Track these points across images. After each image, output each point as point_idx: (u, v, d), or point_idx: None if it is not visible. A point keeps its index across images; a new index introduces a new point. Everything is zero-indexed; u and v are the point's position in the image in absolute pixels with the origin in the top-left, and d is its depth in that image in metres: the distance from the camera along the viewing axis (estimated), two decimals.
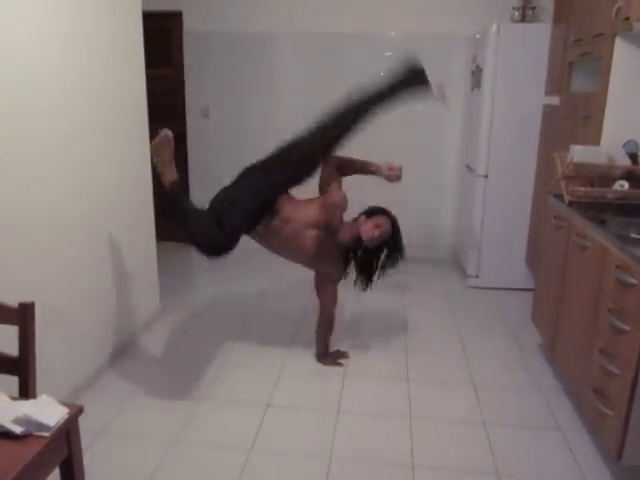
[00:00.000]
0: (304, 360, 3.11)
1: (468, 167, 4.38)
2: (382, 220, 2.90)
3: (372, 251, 2.96)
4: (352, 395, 2.77)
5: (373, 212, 2.95)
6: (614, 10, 2.64)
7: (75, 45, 2.54)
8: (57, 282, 2.49)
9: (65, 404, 1.42)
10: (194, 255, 4.95)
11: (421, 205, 4.80)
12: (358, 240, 2.91)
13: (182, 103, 4.83)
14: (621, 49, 2.76)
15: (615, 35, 2.74)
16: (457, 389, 2.86)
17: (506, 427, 2.54)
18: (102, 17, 2.75)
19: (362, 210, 2.99)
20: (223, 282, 4.30)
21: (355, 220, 2.96)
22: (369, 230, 2.86)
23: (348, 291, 4.02)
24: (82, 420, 1.48)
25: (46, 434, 1.31)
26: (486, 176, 4.05)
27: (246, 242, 5.25)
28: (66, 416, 1.36)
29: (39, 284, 2.33)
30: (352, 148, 4.74)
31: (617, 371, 2.07)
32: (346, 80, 4.65)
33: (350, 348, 3.24)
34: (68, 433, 1.39)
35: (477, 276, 4.24)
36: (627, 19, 2.53)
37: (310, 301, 3.86)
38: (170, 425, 2.49)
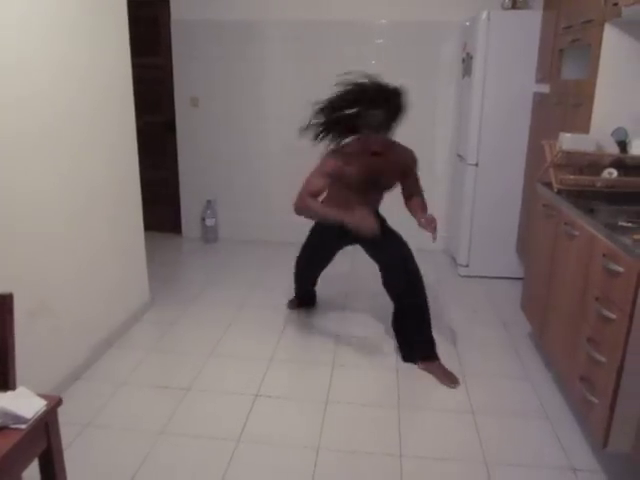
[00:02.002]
0: (293, 350, 3.11)
1: (459, 156, 4.37)
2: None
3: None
4: (341, 385, 2.77)
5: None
6: None
7: (55, 30, 2.47)
8: (43, 274, 2.46)
9: (44, 396, 1.40)
10: (183, 244, 4.98)
11: None
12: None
13: (171, 92, 4.78)
14: (610, 36, 2.74)
15: (604, 21, 2.72)
16: None
17: (494, 416, 2.54)
18: (83, 1, 2.69)
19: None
20: (213, 272, 4.28)
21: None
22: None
23: (336, 281, 4.01)
24: (69, 411, 1.47)
25: (23, 426, 1.29)
26: (477, 164, 4.03)
27: (237, 234, 5.24)
28: (44, 408, 1.35)
29: (24, 276, 2.30)
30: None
31: (603, 359, 2.06)
32: (336, 68, 4.64)
33: (338, 338, 3.24)
34: (47, 425, 1.38)
35: (467, 265, 4.24)
36: (616, 5, 2.51)
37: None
38: (158, 416, 2.48)
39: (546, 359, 2.96)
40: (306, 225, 3.17)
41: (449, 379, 2.80)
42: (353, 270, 4.33)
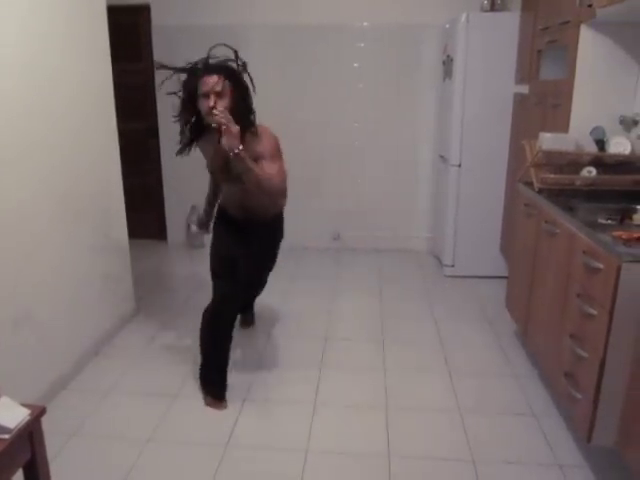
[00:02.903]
0: (281, 353, 3.11)
1: (441, 157, 4.40)
2: (205, 82, 2.34)
3: None
4: (328, 386, 2.77)
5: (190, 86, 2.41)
6: None
7: (28, 34, 2.43)
8: (27, 283, 2.43)
9: (28, 405, 1.39)
10: (168, 251, 4.95)
11: (397, 196, 4.81)
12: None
13: (153, 98, 4.76)
14: (586, 37, 2.79)
15: (580, 23, 2.76)
16: (433, 377, 2.88)
17: (481, 414, 2.56)
18: (59, 3, 2.66)
19: None
20: (199, 278, 4.26)
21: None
22: (204, 107, 2.33)
23: (324, 283, 4.02)
24: (56, 421, 1.46)
25: (6, 436, 1.28)
26: (459, 165, 4.07)
27: None
28: (27, 418, 1.34)
29: (6, 286, 2.28)
30: (325, 141, 4.74)
31: (586, 355, 2.09)
32: (319, 72, 4.67)
33: (325, 339, 3.24)
34: (31, 435, 1.37)
35: (453, 265, 4.26)
36: (590, 6, 2.55)
37: (286, 294, 3.86)
38: (145, 423, 2.47)
39: (531, 356, 2.99)
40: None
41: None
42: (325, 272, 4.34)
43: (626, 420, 1.96)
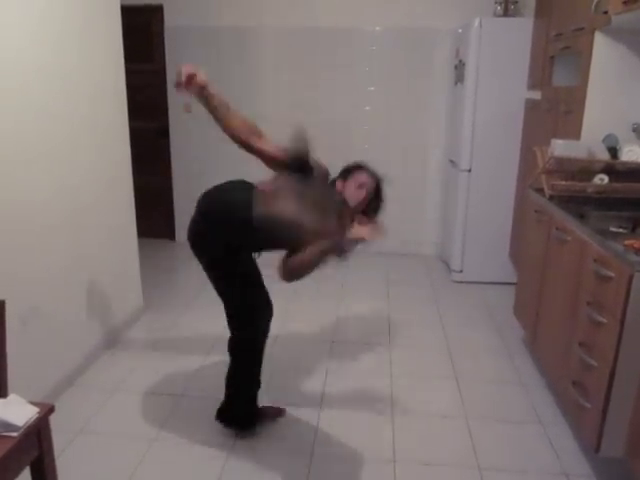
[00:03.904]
0: (287, 356, 3.10)
1: (451, 162, 4.39)
2: (363, 177, 2.45)
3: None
4: (334, 391, 2.76)
5: (348, 171, 2.48)
6: (593, 4, 2.64)
7: (43, 29, 2.44)
8: (35, 281, 2.45)
9: (36, 403, 1.40)
10: (177, 250, 4.96)
11: (406, 200, 4.80)
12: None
13: (164, 98, 4.79)
14: (601, 43, 2.77)
15: (595, 29, 2.75)
16: (440, 383, 2.87)
17: (488, 421, 2.55)
18: (73, 4, 2.67)
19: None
20: (205, 277, 4.27)
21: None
22: (354, 194, 2.42)
23: (330, 287, 4.00)
24: (62, 418, 1.47)
25: (14, 434, 1.29)
26: (469, 170, 4.05)
27: None
28: (36, 415, 1.34)
29: (16, 283, 2.29)
30: (335, 144, 4.72)
31: (595, 364, 2.08)
32: (330, 75, 4.68)
33: (332, 342, 3.24)
34: (39, 433, 1.37)
35: (461, 271, 4.25)
36: (606, 13, 2.54)
37: (292, 297, 3.86)
38: (151, 422, 2.48)
39: (539, 364, 2.97)
40: None
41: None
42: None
43: (636, 430, 1.95)
